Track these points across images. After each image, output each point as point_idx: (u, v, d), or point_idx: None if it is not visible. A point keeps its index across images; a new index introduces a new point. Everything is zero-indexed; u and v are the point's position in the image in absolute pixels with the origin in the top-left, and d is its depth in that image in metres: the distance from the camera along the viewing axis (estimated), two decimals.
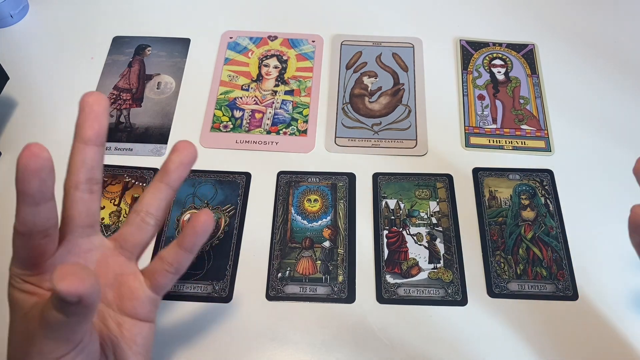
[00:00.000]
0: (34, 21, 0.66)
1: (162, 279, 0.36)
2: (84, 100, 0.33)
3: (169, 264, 0.35)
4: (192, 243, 0.35)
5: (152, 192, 0.36)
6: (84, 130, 0.32)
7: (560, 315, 0.46)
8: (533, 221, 0.50)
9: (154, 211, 0.36)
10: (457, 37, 0.64)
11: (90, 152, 0.32)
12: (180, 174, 0.36)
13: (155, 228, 0.36)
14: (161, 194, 0.36)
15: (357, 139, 0.56)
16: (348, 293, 0.47)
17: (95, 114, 0.33)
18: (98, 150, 0.33)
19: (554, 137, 0.56)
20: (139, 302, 0.35)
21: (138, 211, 0.36)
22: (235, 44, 0.63)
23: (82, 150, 0.32)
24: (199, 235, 0.35)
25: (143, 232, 0.36)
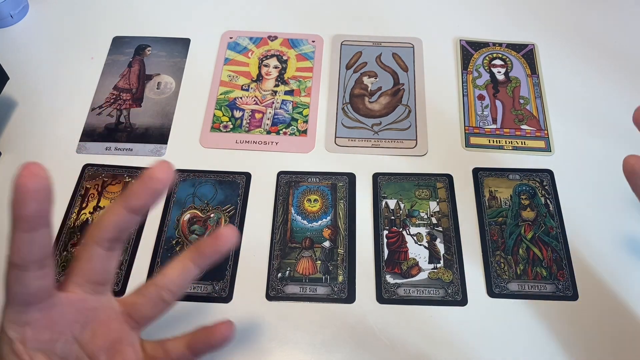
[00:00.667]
0: (34, 21, 0.66)
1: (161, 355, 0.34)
2: (149, 172, 0.30)
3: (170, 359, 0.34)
4: (202, 351, 0.34)
5: (180, 271, 0.33)
6: (136, 200, 0.30)
7: (560, 315, 0.46)
8: (533, 221, 0.50)
9: (176, 290, 0.34)
10: (457, 37, 0.64)
11: (129, 219, 0.31)
12: (214, 260, 0.34)
13: (170, 305, 0.34)
14: (188, 274, 0.33)
15: (357, 139, 0.56)
16: (348, 293, 0.47)
17: (156, 192, 0.30)
18: (136, 219, 0.31)
19: (554, 137, 0.56)
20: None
21: (158, 286, 0.33)
22: (235, 44, 0.63)
23: (122, 215, 0.30)
24: (213, 347, 0.34)
25: (157, 308, 0.34)
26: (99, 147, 0.55)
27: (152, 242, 0.49)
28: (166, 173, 0.30)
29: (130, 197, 0.30)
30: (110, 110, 0.58)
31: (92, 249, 0.31)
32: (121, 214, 0.30)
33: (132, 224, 0.31)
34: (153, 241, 0.49)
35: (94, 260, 0.31)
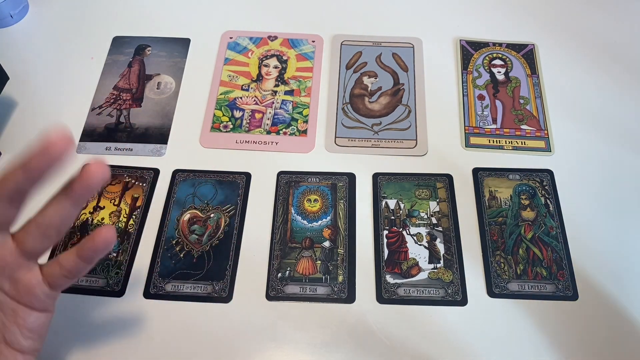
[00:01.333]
0: (34, 21, 0.66)
1: (59, 281, 0.37)
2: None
3: (66, 270, 0.37)
4: (90, 256, 0.36)
5: (54, 207, 0.35)
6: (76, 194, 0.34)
7: (560, 315, 0.46)
8: (533, 221, 0.50)
9: (56, 223, 0.35)
10: (457, 37, 0.64)
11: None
12: (85, 195, 0.35)
13: (56, 239, 0.36)
14: (63, 211, 0.35)
15: (357, 139, 0.56)
16: (348, 293, 0.47)
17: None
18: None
19: (554, 137, 0.56)
20: (35, 297, 0.36)
21: (37, 222, 0.35)
22: (235, 44, 0.63)
23: (18, 175, 0.32)
24: (98, 250, 0.36)
25: (41, 242, 0.36)
26: (99, 147, 0.55)
27: (152, 242, 0.49)
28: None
29: (28, 159, 0.32)
30: (110, 110, 0.58)
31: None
32: (17, 173, 0.32)
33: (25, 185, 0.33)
34: (153, 241, 0.49)
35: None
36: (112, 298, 0.46)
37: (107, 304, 0.46)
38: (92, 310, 0.46)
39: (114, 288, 0.47)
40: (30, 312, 0.37)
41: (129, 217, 0.51)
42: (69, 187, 0.35)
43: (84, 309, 0.46)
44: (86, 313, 0.45)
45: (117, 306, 0.46)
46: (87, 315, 0.45)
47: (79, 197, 0.35)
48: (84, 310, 0.45)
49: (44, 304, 0.37)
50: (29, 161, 0.32)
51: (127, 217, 0.51)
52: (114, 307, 0.46)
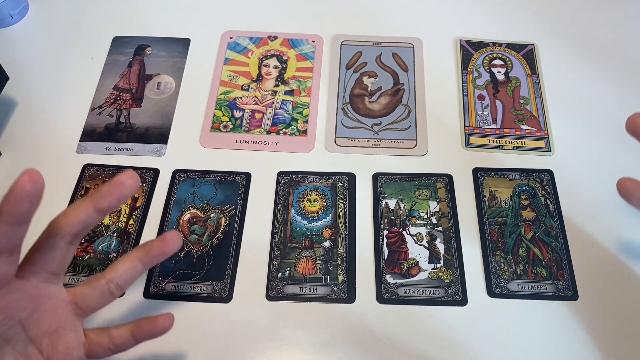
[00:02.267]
0: (34, 21, 0.66)
1: (101, 352, 0.37)
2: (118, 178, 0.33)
3: (115, 345, 0.37)
4: (145, 338, 0.38)
5: (128, 267, 0.37)
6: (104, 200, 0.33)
7: (560, 315, 0.46)
8: (533, 221, 0.50)
9: (123, 284, 0.37)
10: (457, 37, 0.64)
11: (96, 217, 0.33)
12: (159, 261, 0.38)
13: (116, 297, 0.37)
14: (135, 271, 0.37)
15: (357, 139, 0.56)
16: (348, 293, 0.47)
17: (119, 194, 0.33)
18: (100, 218, 0.34)
19: (554, 137, 0.56)
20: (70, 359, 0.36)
21: (108, 279, 0.36)
22: (235, 44, 0.63)
23: (88, 213, 0.33)
24: (154, 335, 0.38)
25: (104, 298, 0.37)
26: (99, 147, 0.55)
27: None
28: (133, 180, 0.33)
29: (100, 197, 0.33)
30: (110, 110, 0.58)
31: (55, 242, 0.33)
32: (88, 212, 0.33)
33: (96, 222, 0.34)
34: None
35: (54, 252, 0.33)
36: None
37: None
38: None
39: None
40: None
41: (129, 217, 0.51)
42: (145, 249, 0.37)
43: None
44: None
45: (118, 306, 0.46)
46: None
47: (154, 260, 0.37)
48: None
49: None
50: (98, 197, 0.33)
51: (127, 217, 0.51)
52: (114, 307, 0.46)
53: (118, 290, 0.37)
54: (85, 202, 0.33)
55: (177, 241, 0.37)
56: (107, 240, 0.49)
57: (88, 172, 0.54)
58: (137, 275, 0.37)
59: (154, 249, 0.37)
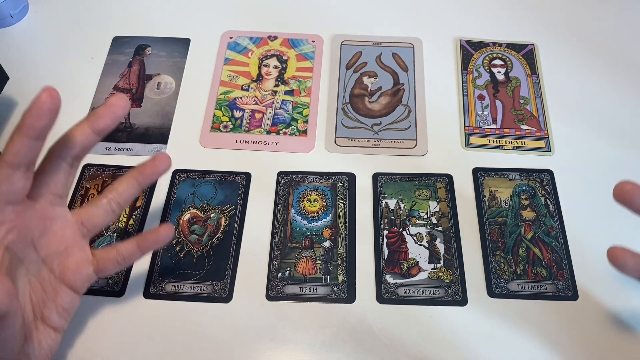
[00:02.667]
0: (34, 21, 0.66)
1: (109, 265, 0.40)
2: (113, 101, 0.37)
3: (122, 256, 0.40)
4: (148, 248, 0.42)
5: (126, 185, 0.40)
6: (101, 122, 0.36)
7: (560, 315, 0.46)
8: (533, 221, 0.50)
9: (123, 202, 0.40)
10: (457, 37, 0.64)
11: (93, 138, 0.36)
12: (152, 180, 0.41)
13: (117, 215, 0.41)
14: (133, 189, 0.40)
15: (357, 139, 0.56)
16: (348, 293, 0.47)
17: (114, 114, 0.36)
18: (97, 139, 0.37)
19: (554, 137, 0.56)
20: (80, 277, 0.39)
21: (109, 198, 0.40)
22: (235, 44, 0.63)
23: (87, 134, 0.36)
24: (159, 243, 0.42)
25: (107, 216, 0.40)
26: (99, 147, 0.55)
27: None
28: (124, 101, 0.37)
29: (96, 119, 0.36)
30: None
31: (58, 163, 0.36)
32: (86, 133, 0.36)
33: (93, 144, 0.37)
34: None
35: (58, 173, 0.36)
36: (112, 298, 0.46)
37: (107, 304, 0.46)
38: (92, 310, 0.46)
39: (114, 288, 0.47)
40: (69, 292, 0.39)
41: (129, 217, 0.51)
42: (140, 169, 0.40)
43: (84, 309, 0.45)
44: (86, 313, 0.45)
45: (117, 306, 0.46)
46: (87, 315, 0.45)
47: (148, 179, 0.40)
48: (84, 310, 0.45)
49: (83, 285, 0.39)
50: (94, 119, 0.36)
51: (127, 217, 0.51)
52: (114, 307, 0.46)
53: (118, 208, 0.40)
54: (82, 125, 0.36)
55: (166, 161, 0.41)
56: (107, 240, 0.49)
57: (88, 172, 0.54)
58: (134, 193, 0.40)
59: (147, 168, 0.40)
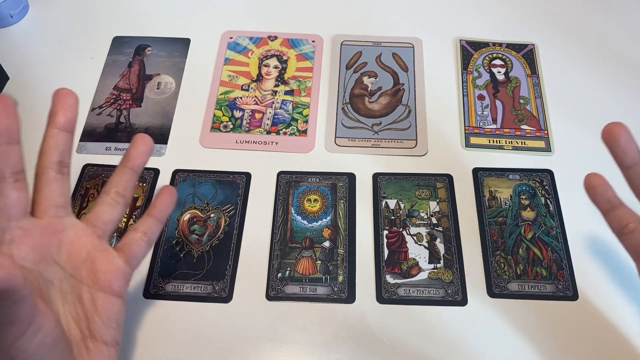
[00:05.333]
0: (34, 21, 0.66)
1: (136, 248, 0.39)
2: (57, 93, 0.37)
3: (143, 232, 0.40)
4: (165, 212, 0.42)
5: (120, 175, 0.40)
6: (58, 117, 0.36)
7: (560, 315, 0.46)
8: (533, 221, 0.50)
9: (123, 190, 0.39)
10: (457, 37, 0.64)
11: (62, 137, 0.36)
12: (141, 161, 0.40)
13: (124, 207, 0.40)
14: (127, 176, 0.40)
15: (357, 139, 0.56)
16: (348, 293, 0.47)
17: (67, 104, 0.37)
18: (69, 136, 0.36)
19: (554, 137, 0.56)
20: (113, 276, 0.37)
21: (108, 192, 0.39)
22: (235, 44, 0.63)
23: (55, 135, 0.36)
24: (171, 203, 0.42)
25: (114, 210, 0.39)
26: (99, 147, 0.55)
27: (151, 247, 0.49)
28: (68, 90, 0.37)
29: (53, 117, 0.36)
30: (110, 110, 0.58)
31: (46, 176, 0.35)
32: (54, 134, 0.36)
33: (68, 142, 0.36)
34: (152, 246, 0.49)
35: (51, 184, 0.36)
36: None
37: None
38: None
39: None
40: (109, 297, 0.37)
41: (129, 217, 0.51)
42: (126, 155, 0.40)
43: None
44: None
45: None
46: None
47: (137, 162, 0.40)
48: None
49: (120, 285, 0.38)
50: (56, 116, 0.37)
51: (127, 217, 0.51)
52: None
53: (121, 198, 0.39)
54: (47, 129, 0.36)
55: (146, 139, 0.40)
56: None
57: (88, 172, 0.54)
58: (130, 179, 0.40)
59: (131, 151, 0.40)
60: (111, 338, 0.37)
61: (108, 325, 0.37)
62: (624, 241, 0.38)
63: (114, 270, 0.38)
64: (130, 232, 0.40)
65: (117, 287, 0.38)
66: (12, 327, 0.29)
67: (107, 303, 0.37)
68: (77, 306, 0.36)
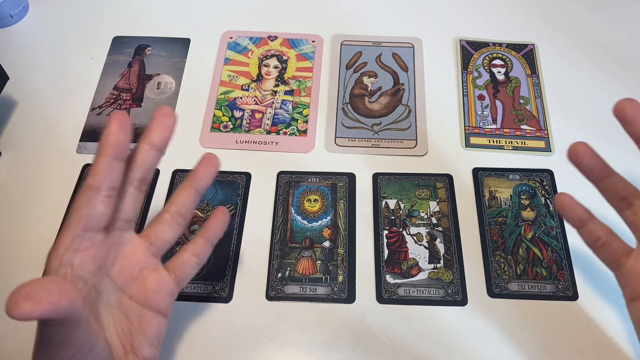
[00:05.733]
0: (34, 21, 0.66)
1: (187, 269, 0.39)
2: (159, 112, 0.36)
3: (195, 254, 0.39)
4: (215, 235, 0.41)
5: (184, 195, 0.39)
6: (154, 135, 0.35)
7: (560, 315, 0.46)
8: (533, 221, 0.50)
9: (185, 212, 0.39)
10: (457, 37, 0.64)
11: (152, 155, 0.36)
12: (208, 181, 0.40)
13: (183, 228, 0.39)
14: (191, 198, 0.39)
15: (357, 139, 0.56)
16: (348, 293, 0.47)
17: (167, 124, 0.36)
18: (158, 156, 0.36)
19: (554, 137, 0.56)
20: (162, 295, 0.37)
21: (171, 212, 0.38)
22: (235, 44, 0.63)
23: (146, 151, 0.35)
24: (223, 226, 0.41)
25: (173, 230, 0.39)
26: None
27: None
28: (169, 110, 0.36)
29: (150, 134, 0.35)
30: (110, 110, 0.58)
31: (125, 188, 0.35)
32: (145, 151, 0.35)
33: (155, 161, 0.36)
34: None
35: (128, 199, 0.35)
36: None
37: None
38: None
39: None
40: (155, 316, 0.37)
41: None
42: (193, 175, 0.39)
43: None
44: None
45: None
46: None
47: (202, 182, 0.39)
48: None
49: (167, 304, 0.38)
50: (150, 135, 0.35)
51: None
52: None
53: (182, 219, 0.39)
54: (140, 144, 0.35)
55: (214, 159, 0.39)
56: None
57: (88, 172, 0.53)
58: (193, 201, 0.39)
59: (199, 172, 0.39)
60: (151, 355, 0.37)
61: (151, 343, 0.37)
62: (598, 254, 0.40)
63: (164, 291, 0.38)
64: (181, 252, 0.40)
65: (164, 307, 0.38)
66: (67, 348, 0.30)
67: (153, 321, 0.37)
68: (122, 321, 0.36)
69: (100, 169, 0.32)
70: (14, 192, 0.52)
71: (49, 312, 0.26)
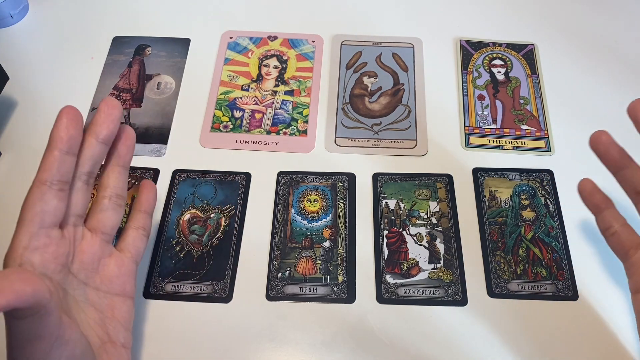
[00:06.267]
0: (34, 21, 0.66)
1: (138, 243, 0.40)
2: (105, 103, 0.36)
3: (140, 227, 0.41)
4: (150, 205, 0.42)
5: (113, 176, 0.39)
6: (101, 129, 0.36)
7: (560, 315, 0.46)
8: (533, 221, 0.50)
9: (120, 192, 0.39)
10: (457, 37, 0.64)
11: (100, 148, 0.36)
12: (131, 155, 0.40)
13: (124, 207, 0.40)
14: (121, 176, 0.39)
15: (357, 139, 0.56)
16: (348, 293, 0.47)
17: (113, 116, 0.36)
18: (105, 149, 0.37)
19: (554, 137, 0.56)
20: (125, 277, 0.39)
21: (108, 196, 0.38)
22: (235, 44, 0.63)
23: (94, 145, 0.35)
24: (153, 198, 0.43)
25: (117, 213, 0.39)
26: None
27: (152, 242, 0.49)
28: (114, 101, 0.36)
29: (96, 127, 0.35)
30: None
31: (73, 184, 0.35)
32: (92, 145, 0.35)
33: (103, 154, 0.36)
34: (153, 241, 0.49)
35: (78, 194, 0.36)
36: None
37: None
38: None
39: None
40: (125, 300, 0.38)
41: None
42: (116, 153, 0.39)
43: None
44: None
45: None
46: None
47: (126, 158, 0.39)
48: None
49: (131, 285, 0.39)
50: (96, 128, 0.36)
51: (127, 217, 0.51)
52: None
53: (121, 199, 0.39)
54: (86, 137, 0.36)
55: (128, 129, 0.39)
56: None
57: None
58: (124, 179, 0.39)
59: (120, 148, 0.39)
60: (126, 340, 0.37)
61: (126, 328, 0.38)
62: (608, 242, 0.40)
63: (126, 273, 0.38)
64: (127, 231, 0.41)
65: (129, 289, 0.39)
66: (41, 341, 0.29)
67: (123, 306, 0.38)
68: (93, 314, 0.36)
69: (51, 163, 0.32)
70: (14, 192, 0.52)
71: (14, 301, 0.25)
